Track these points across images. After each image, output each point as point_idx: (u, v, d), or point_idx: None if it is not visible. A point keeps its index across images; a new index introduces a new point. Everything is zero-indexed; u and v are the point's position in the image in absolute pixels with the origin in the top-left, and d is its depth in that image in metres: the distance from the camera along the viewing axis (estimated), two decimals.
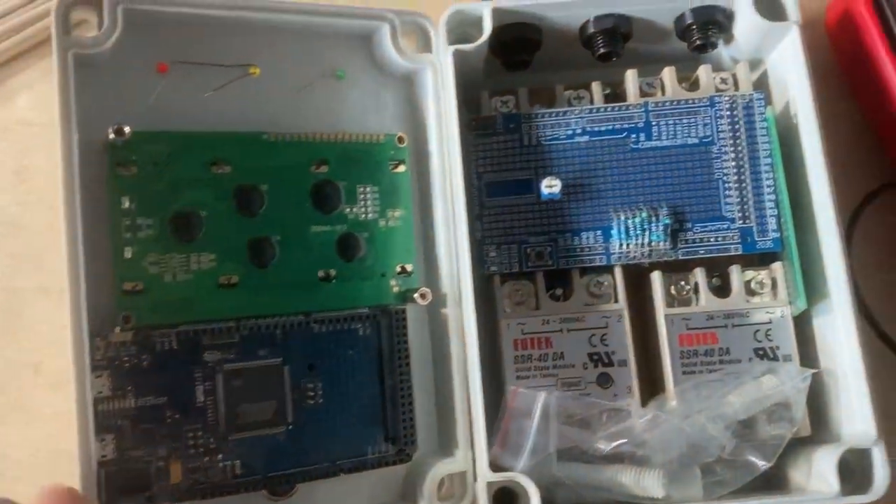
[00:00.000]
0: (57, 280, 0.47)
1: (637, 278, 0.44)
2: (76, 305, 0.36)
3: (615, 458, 0.40)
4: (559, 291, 0.44)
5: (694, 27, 0.45)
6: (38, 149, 0.50)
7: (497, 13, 0.44)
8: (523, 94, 0.46)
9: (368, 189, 0.43)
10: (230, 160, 0.40)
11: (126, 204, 0.38)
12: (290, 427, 0.40)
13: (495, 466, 0.39)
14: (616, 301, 0.43)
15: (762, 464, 0.39)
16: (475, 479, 0.41)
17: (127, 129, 0.37)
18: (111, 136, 0.37)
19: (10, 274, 0.49)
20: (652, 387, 0.43)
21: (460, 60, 0.44)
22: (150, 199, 0.38)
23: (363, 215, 0.43)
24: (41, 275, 0.49)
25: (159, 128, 0.39)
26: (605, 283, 0.44)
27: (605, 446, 0.39)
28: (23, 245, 0.49)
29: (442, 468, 0.42)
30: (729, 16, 0.46)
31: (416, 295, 0.42)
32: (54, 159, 0.46)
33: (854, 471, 0.40)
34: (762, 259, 0.44)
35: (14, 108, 0.51)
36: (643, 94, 0.46)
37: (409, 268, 0.43)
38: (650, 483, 0.39)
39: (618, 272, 0.44)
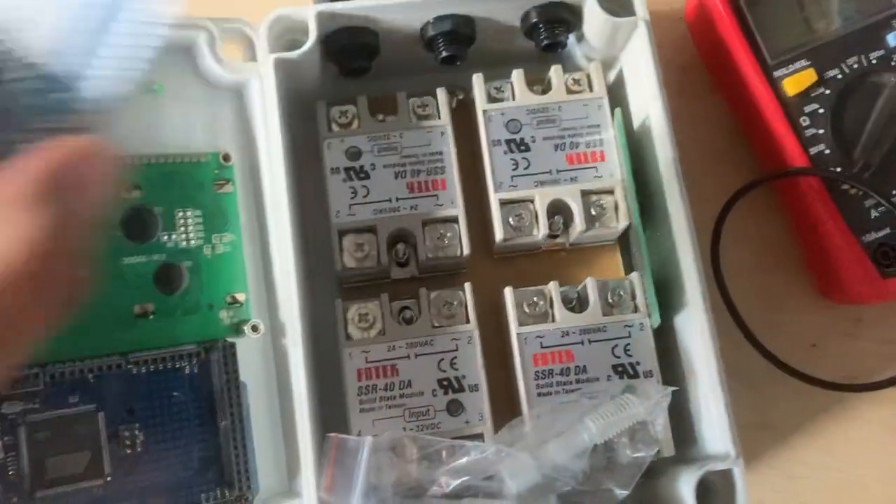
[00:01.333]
0: None
1: (495, 292, 0.42)
2: None
3: (466, 492, 0.37)
4: (409, 314, 0.41)
5: (540, 26, 0.43)
6: None
7: (323, 17, 0.40)
8: (362, 103, 0.43)
9: (190, 213, 0.39)
10: None
11: None
12: (109, 479, 0.36)
13: None
14: (467, 321, 0.41)
15: (619, 492, 0.37)
16: None
17: None
18: None
19: None
20: (510, 410, 0.40)
21: (287, 69, 0.40)
22: None
23: (184, 242, 0.39)
24: None
25: None
26: (455, 302, 0.41)
27: (449, 483, 0.36)
28: None
29: None
30: (576, 13, 0.43)
31: (246, 327, 0.39)
32: None
33: (719, 491, 0.38)
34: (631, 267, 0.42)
35: None
36: (492, 99, 0.43)
37: (240, 297, 0.40)
38: None
39: (468, 288, 0.41)
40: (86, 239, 0.28)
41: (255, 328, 0.39)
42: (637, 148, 0.43)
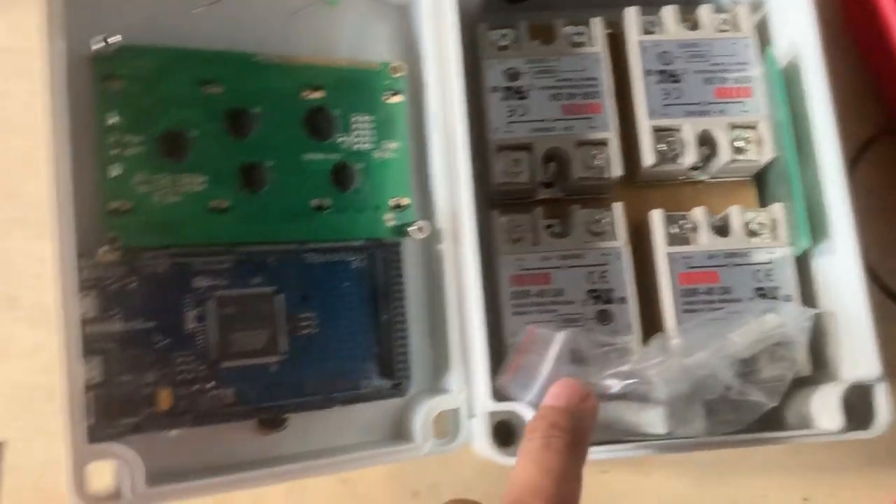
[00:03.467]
0: (34, 211, 0.46)
1: (637, 216, 0.44)
2: (62, 223, 0.34)
3: (617, 394, 0.39)
4: (558, 228, 0.43)
5: None
6: (15, 75, 0.48)
7: None
8: (522, 27, 0.45)
9: (363, 118, 0.41)
10: (221, 80, 0.38)
11: (112, 120, 0.36)
12: (283, 357, 0.39)
13: (499, 396, 0.38)
14: (616, 238, 0.42)
15: (766, 403, 0.39)
16: (470, 416, 0.40)
17: (114, 40, 0.35)
18: (98, 45, 0.35)
19: None
20: (650, 325, 0.42)
21: None
22: (137, 117, 0.37)
23: (358, 145, 0.41)
24: (19, 205, 0.47)
25: (151, 42, 0.37)
26: (605, 219, 0.43)
27: (615, 385, 0.38)
28: None
29: (436, 404, 0.40)
30: None
31: (413, 228, 0.41)
32: (32, 86, 0.45)
33: (855, 408, 0.39)
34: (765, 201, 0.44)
35: None
36: (645, 31, 0.45)
37: (404, 202, 0.42)
38: (653, 419, 0.38)
39: (618, 207, 0.43)
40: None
41: (420, 229, 0.41)
42: (785, 85, 0.44)
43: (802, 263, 0.43)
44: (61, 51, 0.35)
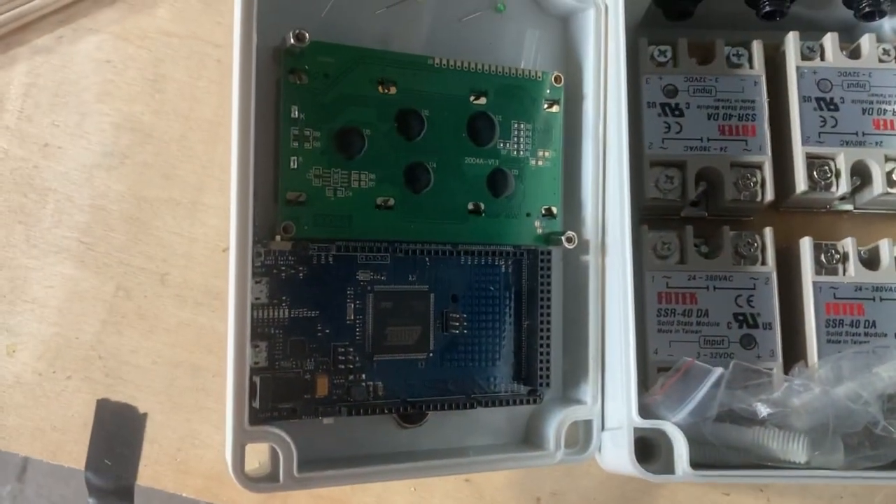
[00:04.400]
0: (187, 192, 0.48)
1: (784, 242, 0.44)
2: (242, 210, 0.35)
3: (758, 420, 0.39)
4: (703, 248, 0.43)
5: None
6: (176, 60, 0.50)
7: None
8: (682, 44, 0.45)
9: (522, 126, 0.42)
10: (396, 81, 0.39)
11: (296, 113, 0.37)
12: (431, 355, 0.40)
13: (645, 413, 0.38)
14: (764, 263, 0.42)
15: None
16: (602, 427, 0.41)
17: (307, 35, 0.36)
18: (291, 41, 0.36)
19: (141, 183, 0.49)
20: (793, 352, 0.42)
21: (627, 3, 0.43)
22: (318, 112, 0.38)
23: (515, 152, 0.42)
24: (172, 186, 0.49)
25: (330, 40, 0.38)
26: (755, 243, 0.43)
27: (761, 411, 0.38)
28: (154, 154, 0.49)
29: (571, 413, 0.41)
30: None
31: (563, 238, 0.42)
32: (192, 72, 0.47)
33: None
34: None
35: (154, 18, 0.51)
36: (804, 58, 0.45)
37: (554, 210, 0.42)
38: (794, 448, 0.38)
39: (769, 232, 0.43)
40: None
41: (569, 240, 0.42)
42: None
43: None
44: (253, 42, 0.36)
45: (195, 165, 0.48)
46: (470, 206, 0.41)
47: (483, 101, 0.41)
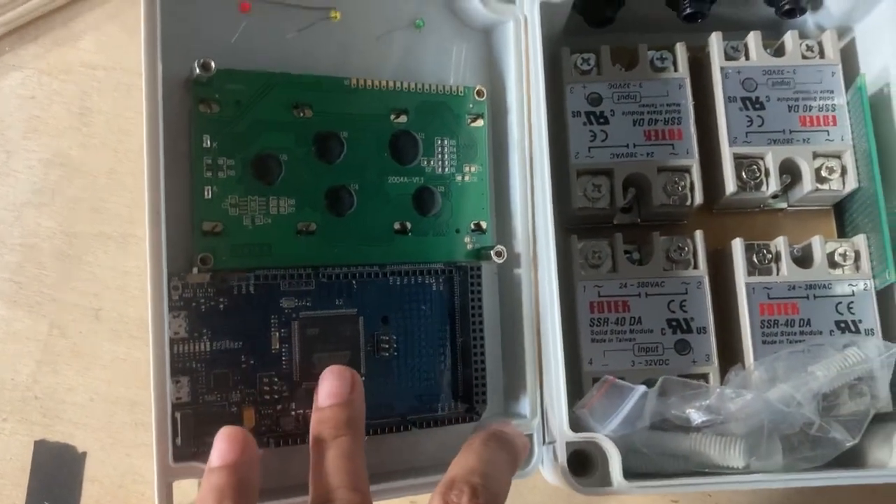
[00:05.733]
0: (119, 225, 0.47)
1: (715, 243, 0.43)
2: (155, 244, 0.35)
3: (696, 427, 0.39)
4: (636, 255, 0.43)
5: None
6: (102, 92, 0.50)
7: None
8: (605, 51, 0.45)
9: (446, 142, 0.42)
10: (312, 104, 0.39)
11: (207, 143, 0.37)
12: (363, 379, 0.39)
13: (575, 425, 0.38)
14: (696, 267, 0.42)
15: (846, 440, 0.38)
16: (543, 441, 0.41)
17: (213, 64, 0.36)
18: (196, 71, 0.36)
19: (71, 219, 0.48)
20: (729, 355, 0.42)
21: (545, 14, 0.42)
22: (231, 140, 0.37)
23: (440, 169, 0.42)
24: (102, 220, 0.48)
25: (241, 67, 0.38)
26: (686, 247, 0.42)
27: (695, 418, 0.38)
28: (83, 189, 0.48)
29: None
30: None
31: (492, 252, 0.41)
32: (119, 103, 0.46)
33: None
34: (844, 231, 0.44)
35: (78, 51, 0.50)
36: (728, 57, 0.45)
37: (483, 225, 0.42)
38: (731, 452, 0.38)
39: (699, 235, 0.43)
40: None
41: (498, 254, 0.41)
42: (871, 114, 0.44)
43: (885, 296, 0.43)
44: (160, 74, 0.35)
45: (125, 198, 0.48)
46: (396, 226, 0.40)
47: (404, 119, 0.41)
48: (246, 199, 0.37)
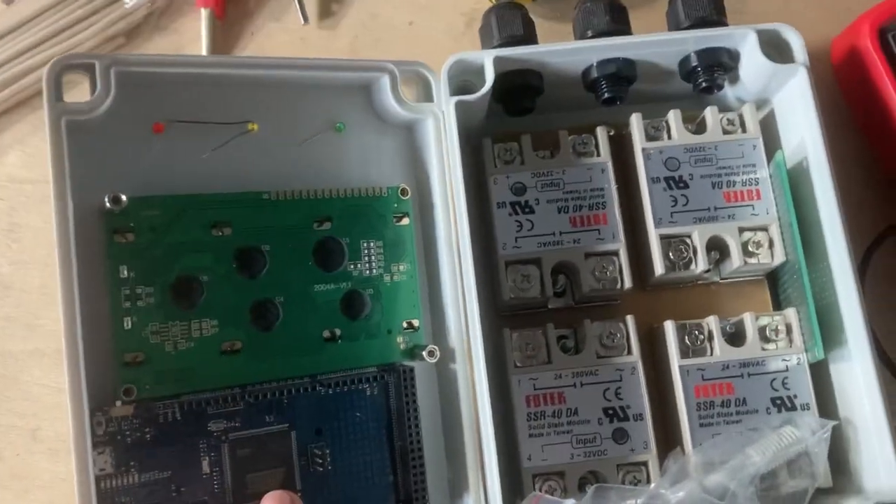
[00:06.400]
0: (52, 342, 0.46)
1: (651, 321, 0.44)
2: (75, 381, 0.34)
3: None
4: (571, 342, 0.43)
5: (699, 69, 0.45)
6: (29, 207, 0.49)
7: (499, 62, 0.43)
8: (526, 141, 0.45)
9: (372, 244, 0.42)
10: (231, 222, 0.39)
11: (124, 273, 0.37)
12: (300, 494, 0.39)
13: None
14: (630, 353, 0.42)
15: None
16: None
17: (123, 198, 0.36)
18: (107, 205, 0.36)
19: (3, 337, 0.47)
20: (668, 439, 0.42)
21: (462, 110, 0.43)
22: (149, 267, 0.37)
23: (367, 271, 0.41)
24: (36, 337, 0.47)
25: (157, 190, 0.38)
26: (618, 334, 0.42)
27: None
28: (15, 307, 0.48)
29: None
30: (734, 57, 0.45)
31: (423, 353, 0.41)
32: (47, 218, 0.45)
33: None
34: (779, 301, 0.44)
35: (4, 165, 0.50)
36: (650, 137, 0.45)
37: (415, 323, 0.42)
38: None
39: (630, 321, 0.43)
40: None
41: (431, 353, 0.41)
42: (792, 186, 0.44)
43: (820, 369, 0.43)
44: (70, 210, 0.35)
45: (57, 313, 0.47)
46: (325, 334, 0.40)
47: (328, 225, 0.41)
48: (167, 325, 0.37)
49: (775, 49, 0.44)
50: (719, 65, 0.45)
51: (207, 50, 0.51)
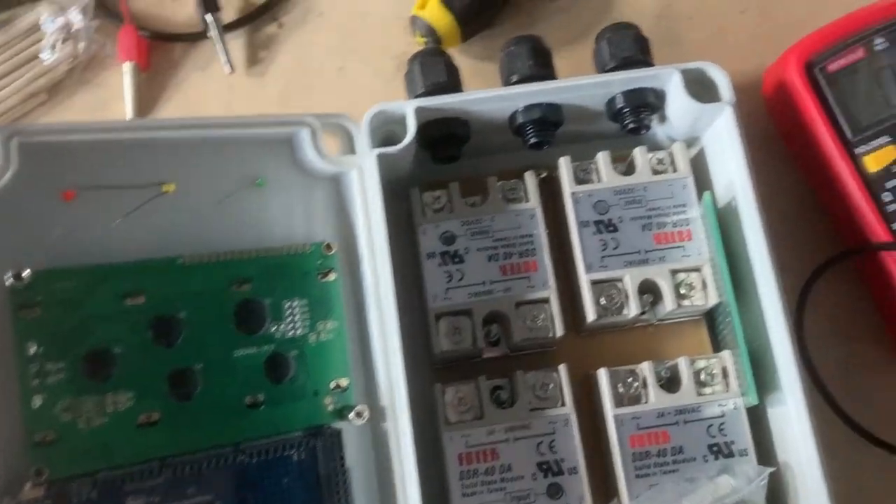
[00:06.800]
0: None
1: (587, 367, 0.43)
2: None
3: None
4: (505, 394, 0.42)
5: (626, 110, 0.44)
6: None
7: (420, 111, 0.42)
8: (454, 188, 0.44)
9: (296, 303, 0.41)
10: (144, 290, 0.38)
11: (32, 350, 0.35)
12: None
13: None
14: (563, 404, 0.42)
15: None
16: None
17: (26, 273, 0.35)
18: (9, 281, 0.35)
19: None
20: (606, 490, 0.41)
21: (386, 162, 0.42)
22: (59, 341, 0.36)
23: (291, 332, 0.41)
24: None
25: (69, 261, 0.37)
26: (551, 384, 0.42)
27: None
28: None
29: None
30: (661, 96, 0.44)
31: (350, 414, 0.40)
32: None
33: None
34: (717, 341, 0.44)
35: None
36: (579, 180, 0.44)
37: (343, 383, 0.41)
38: None
39: (563, 370, 0.42)
40: None
41: (359, 414, 0.40)
42: (723, 226, 0.44)
43: (758, 412, 0.42)
44: None
45: None
46: (248, 400, 0.39)
47: (247, 287, 0.40)
48: (79, 401, 0.36)
49: (703, 87, 0.44)
50: (646, 105, 0.44)
51: (131, 104, 0.50)
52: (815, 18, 0.48)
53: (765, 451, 0.42)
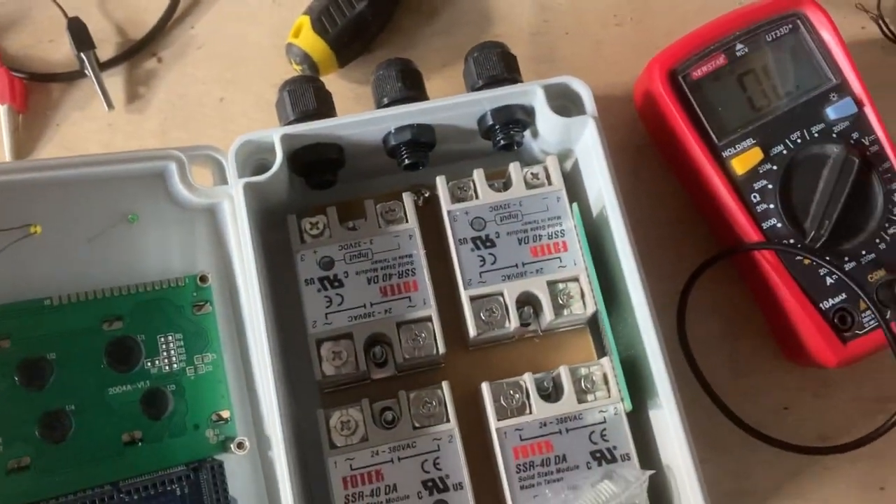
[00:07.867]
0: None
1: (475, 382, 0.43)
2: None
3: None
4: (391, 415, 0.42)
5: (497, 127, 0.45)
6: None
7: (287, 139, 0.42)
8: (332, 213, 0.44)
9: (171, 337, 0.41)
10: (10, 333, 0.37)
11: None
12: None
13: None
14: (447, 420, 0.42)
15: None
16: None
17: None
18: None
19: None
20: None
21: (257, 190, 0.42)
22: None
23: (167, 367, 0.40)
24: None
25: None
26: (434, 402, 0.42)
27: None
28: None
29: None
30: (530, 112, 0.45)
31: (232, 445, 0.40)
32: None
33: None
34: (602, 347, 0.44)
35: None
36: (456, 198, 0.45)
37: (225, 415, 0.41)
38: None
39: (446, 387, 0.42)
40: None
41: (240, 445, 0.40)
42: (597, 235, 0.45)
43: (640, 416, 0.43)
44: None
45: None
46: (125, 438, 0.39)
47: (119, 325, 0.40)
48: None
49: (570, 100, 0.45)
50: (515, 122, 0.45)
51: (9, 146, 0.49)
52: (688, 28, 0.49)
53: (649, 454, 0.42)
